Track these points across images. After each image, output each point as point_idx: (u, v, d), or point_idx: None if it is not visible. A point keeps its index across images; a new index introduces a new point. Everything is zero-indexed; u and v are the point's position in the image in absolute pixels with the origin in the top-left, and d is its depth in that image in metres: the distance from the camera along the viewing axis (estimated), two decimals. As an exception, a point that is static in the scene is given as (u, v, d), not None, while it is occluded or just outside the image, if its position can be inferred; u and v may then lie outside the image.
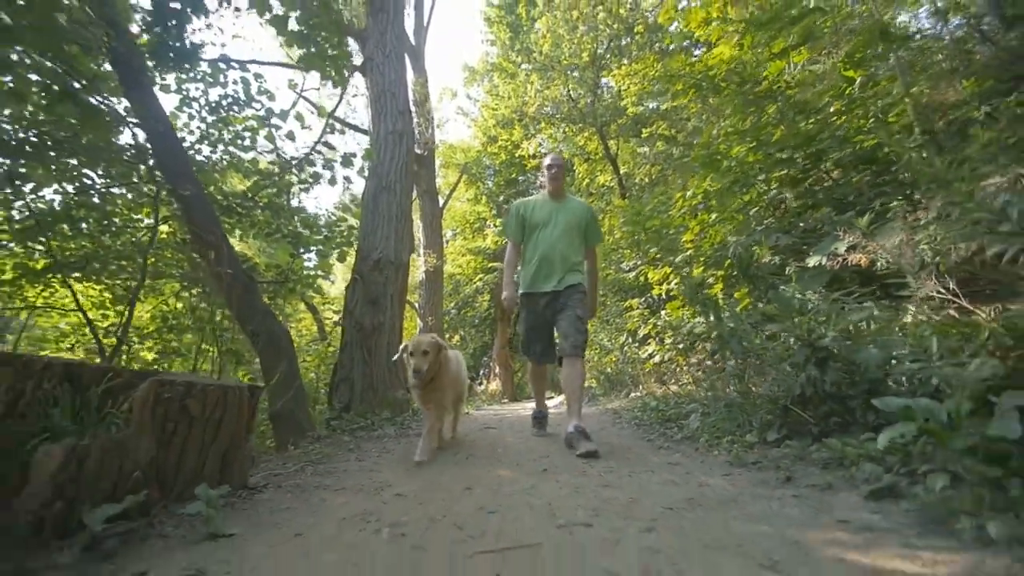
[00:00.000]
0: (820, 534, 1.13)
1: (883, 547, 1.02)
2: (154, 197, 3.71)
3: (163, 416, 1.45)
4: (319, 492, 1.75)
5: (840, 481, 1.47)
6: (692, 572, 0.98)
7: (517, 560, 1.08)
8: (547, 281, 2.91)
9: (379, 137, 5.36)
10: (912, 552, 0.99)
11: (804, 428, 2.00)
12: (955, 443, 1.25)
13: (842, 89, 3.64)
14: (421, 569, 1.06)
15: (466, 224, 15.09)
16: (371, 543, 1.23)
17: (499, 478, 1.94)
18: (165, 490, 1.42)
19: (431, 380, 2.45)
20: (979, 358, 1.58)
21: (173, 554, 1.17)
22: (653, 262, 4.96)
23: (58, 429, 1.40)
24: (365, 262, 5.00)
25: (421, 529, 1.31)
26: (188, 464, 1.50)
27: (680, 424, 2.91)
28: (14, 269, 4.90)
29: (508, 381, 12.47)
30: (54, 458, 1.24)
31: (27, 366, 1.48)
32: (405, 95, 5.73)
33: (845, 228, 2.71)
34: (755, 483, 1.62)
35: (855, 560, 0.98)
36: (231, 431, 1.61)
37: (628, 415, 3.88)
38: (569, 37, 8.99)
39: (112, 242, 5.06)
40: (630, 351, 5.31)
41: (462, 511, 1.47)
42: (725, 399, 2.69)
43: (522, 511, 1.45)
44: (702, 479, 1.75)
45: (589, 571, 1.01)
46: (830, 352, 1.91)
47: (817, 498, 1.39)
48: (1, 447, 1.33)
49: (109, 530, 1.20)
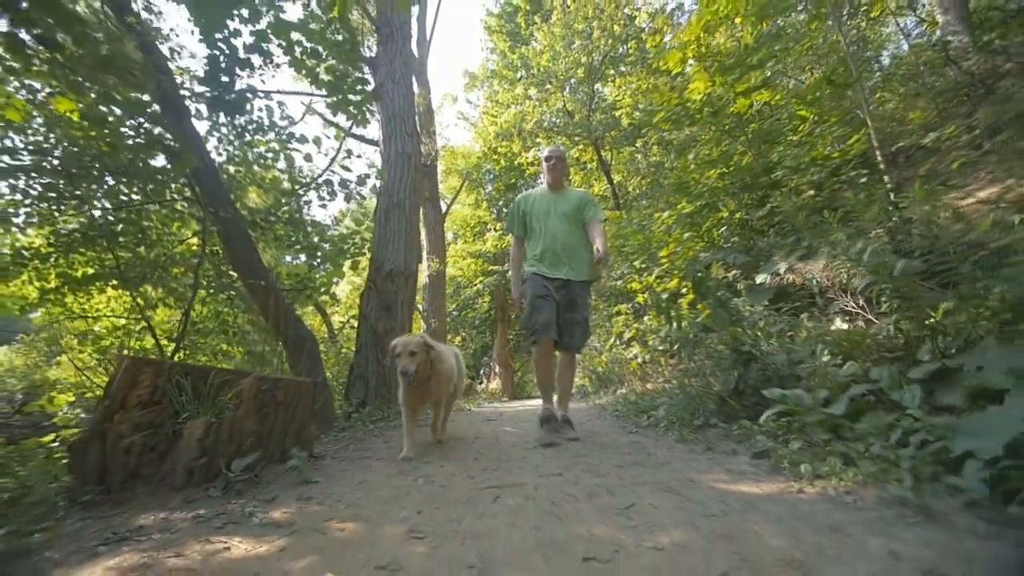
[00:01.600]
0: (708, 476, 1.74)
1: (741, 482, 1.63)
2: (201, 220, 4.29)
3: (261, 402, 2.05)
4: (364, 460, 2.36)
5: (742, 448, 2.08)
6: (620, 493, 1.59)
7: (511, 491, 1.69)
8: (555, 269, 2.98)
9: (389, 158, 5.96)
10: (757, 483, 1.60)
11: (736, 413, 2.61)
12: (809, 419, 1.86)
13: (795, 126, 4.24)
14: (447, 497, 1.67)
15: (467, 228, 15.69)
16: (411, 486, 1.84)
17: (500, 452, 2.55)
18: (265, 453, 2.03)
19: (425, 380, 2.52)
20: (849, 361, 2.19)
21: (284, 490, 1.78)
22: (638, 271, 5.57)
23: (188, 410, 2.00)
24: (379, 272, 5.60)
25: (444, 478, 1.92)
26: (276, 436, 2.11)
27: (650, 414, 3.51)
28: (58, 277, 5.52)
29: (508, 380, 13.09)
30: (198, 429, 1.86)
31: (159, 366, 2.09)
32: (412, 118, 6.33)
33: (784, 252, 3.32)
34: (686, 452, 2.23)
35: (720, 487, 1.58)
36: (303, 414, 2.22)
37: (611, 408, 4.49)
38: (565, 54, 9.57)
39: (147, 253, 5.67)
40: (617, 352, 5.91)
41: (473, 469, 2.08)
42: (685, 393, 3.30)
43: (516, 468, 2.06)
44: (651, 451, 2.36)
45: (555, 495, 1.62)
46: (752, 355, 2.52)
47: (721, 459, 2.00)
48: (154, 421, 1.94)
49: (239, 476, 1.81)
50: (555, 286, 2.94)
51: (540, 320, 2.86)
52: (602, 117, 9.00)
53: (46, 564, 1.16)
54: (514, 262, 3.18)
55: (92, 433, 1.90)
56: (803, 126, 4.22)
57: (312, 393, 2.32)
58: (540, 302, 2.90)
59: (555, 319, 2.90)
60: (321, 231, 6.14)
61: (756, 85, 4.25)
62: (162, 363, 2.12)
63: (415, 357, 2.42)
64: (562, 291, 2.95)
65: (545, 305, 2.89)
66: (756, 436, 2.07)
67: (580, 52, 9.61)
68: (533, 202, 3.12)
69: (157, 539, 1.28)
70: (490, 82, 16.04)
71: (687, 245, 4.55)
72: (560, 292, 2.95)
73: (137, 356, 2.18)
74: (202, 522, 1.42)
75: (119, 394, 1.95)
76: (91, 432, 1.90)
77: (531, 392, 15.68)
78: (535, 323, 2.88)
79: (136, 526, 1.41)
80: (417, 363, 2.42)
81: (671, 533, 1.15)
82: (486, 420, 4.48)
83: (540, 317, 2.86)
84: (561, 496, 1.59)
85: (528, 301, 2.95)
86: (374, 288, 5.58)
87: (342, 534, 1.28)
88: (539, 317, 2.87)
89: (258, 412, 2.06)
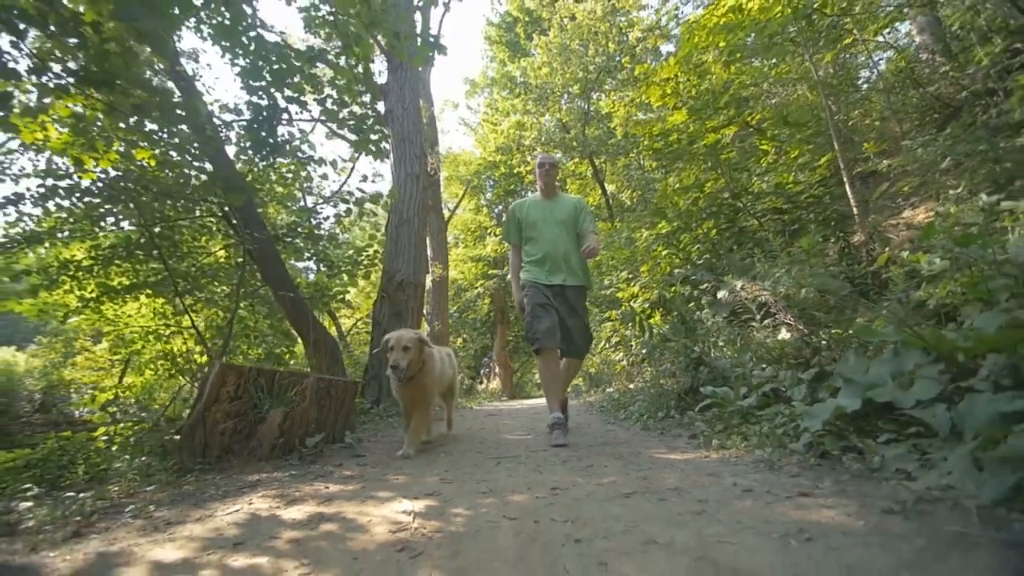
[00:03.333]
0: (651, 450, 2.42)
1: (672, 453, 2.31)
2: (242, 243, 4.94)
3: (319, 396, 2.74)
4: (394, 443, 3.05)
5: (685, 432, 2.76)
6: (585, 460, 2.27)
7: (508, 459, 2.37)
8: (553, 276, 3.07)
9: (399, 179, 6.64)
10: (681, 454, 2.27)
11: (689, 407, 3.29)
12: (729, 410, 2.54)
13: (758, 158, 4.92)
14: (463, 462, 2.35)
15: (468, 232, 16.37)
16: (436, 456, 2.52)
17: (499, 438, 3.24)
18: (325, 435, 2.71)
19: (412, 377, 2.55)
20: (769, 365, 2.87)
21: (344, 460, 2.46)
22: (625, 282, 6.25)
23: (265, 403, 2.68)
24: (391, 283, 6.28)
25: (459, 453, 2.61)
26: (329, 423, 2.79)
27: (628, 409, 4.20)
28: (97, 287, 6.20)
29: (507, 380, 13.79)
30: (278, 416, 2.54)
31: (240, 370, 2.77)
32: (420, 142, 7.00)
33: (739, 272, 3.99)
34: (644, 436, 2.92)
35: (655, 456, 2.26)
36: (348, 406, 2.91)
37: (598, 405, 5.18)
38: (562, 71, 10.24)
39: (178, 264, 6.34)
40: (607, 355, 6.60)
41: (480, 447, 2.76)
42: (654, 391, 3.98)
43: (512, 447, 2.75)
44: (619, 436, 3.04)
45: (539, 461, 2.30)
46: (701, 360, 3.20)
47: (668, 440, 2.68)
48: (240, 411, 2.62)
49: (310, 451, 2.50)
50: (553, 292, 3.04)
51: (541, 328, 2.91)
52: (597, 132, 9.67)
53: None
54: (513, 269, 3.27)
55: (196, 421, 2.58)
56: (765, 158, 4.89)
57: (355, 390, 3.01)
58: (540, 310, 2.97)
59: (557, 326, 2.96)
60: (337, 244, 6.82)
61: (723, 123, 4.93)
62: (243, 368, 2.80)
63: (408, 353, 2.44)
64: (560, 297, 3.05)
65: (546, 313, 2.96)
66: (696, 423, 2.75)
67: (577, 67, 10.28)
68: (527, 210, 3.21)
69: (276, 485, 1.96)
70: (490, 89, 16.72)
71: (666, 260, 5.23)
72: (558, 299, 3.04)
73: (225, 363, 2.84)
74: (298, 478, 2.10)
75: (213, 391, 2.64)
76: (196, 420, 2.58)
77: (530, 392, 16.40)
78: (536, 331, 2.93)
79: (254, 480, 2.09)
80: (409, 359, 2.43)
81: (610, 477, 1.83)
82: (488, 415, 5.17)
83: (541, 325, 2.92)
84: (543, 461, 2.27)
85: (528, 310, 3.02)
86: (387, 297, 6.26)
87: (398, 481, 1.96)
88: (540, 325, 2.92)
89: (318, 404, 2.74)
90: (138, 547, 1.27)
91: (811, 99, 5.47)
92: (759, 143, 4.88)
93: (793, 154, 5.18)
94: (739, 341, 3.47)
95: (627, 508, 1.42)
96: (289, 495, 1.76)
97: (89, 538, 1.37)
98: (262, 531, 1.36)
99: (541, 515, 1.39)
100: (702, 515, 1.32)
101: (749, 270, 4.04)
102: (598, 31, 10.02)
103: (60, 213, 5.15)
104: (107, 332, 7.54)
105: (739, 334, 3.51)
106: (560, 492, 1.65)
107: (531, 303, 3.02)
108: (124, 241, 5.85)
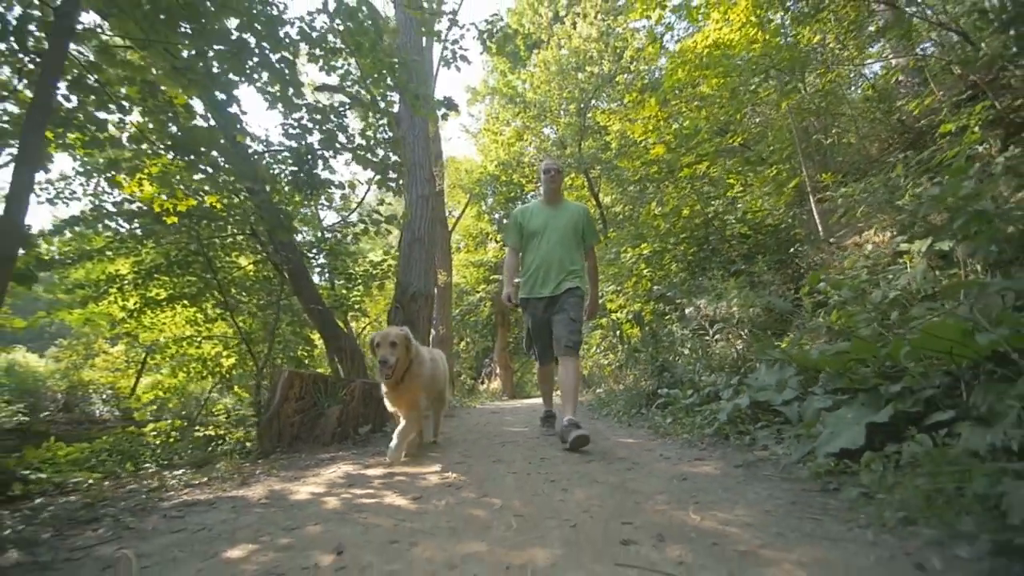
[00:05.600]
0: (615, 437, 3.29)
1: (630, 438, 3.18)
2: (281, 263, 5.80)
3: (366, 396, 3.61)
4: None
5: (647, 424, 3.63)
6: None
7: (510, 443, 3.24)
8: (544, 287, 3.17)
9: (411, 201, 7.50)
10: (637, 439, 3.14)
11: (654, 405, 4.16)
12: (678, 406, 3.40)
13: (726, 189, 5.78)
14: (476, 444, 3.22)
15: (469, 238, 17.23)
16: (456, 443, 3.39)
17: (502, 429, 4.11)
18: (373, 426, 3.59)
19: (402, 378, 2.55)
20: (715, 372, 3.74)
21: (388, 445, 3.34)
22: (614, 293, 7.12)
23: (324, 401, 3.56)
24: (404, 295, 7.15)
25: (473, 439, 3.48)
26: (373, 416, 3.66)
27: (610, 407, 5.07)
28: (140, 298, 7.07)
29: (508, 380, 14.68)
30: (335, 412, 3.42)
31: (303, 376, 3.64)
32: (429, 165, 7.86)
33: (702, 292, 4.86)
34: (617, 427, 3.79)
35: (616, 440, 3.13)
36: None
37: (588, 404, 6.05)
38: (559, 92, 11.09)
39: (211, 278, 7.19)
40: (597, 359, 7.48)
41: (487, 436, 3.64)
42: (632, 392, 4.86)
43: (513, 435, 3.62)
44: (598, 427, 3.91)
45: (533, 444, 3.17)
46: (664, 367, 4.07)
47: (631, 430, 3.55)
48: (304, 408, 3.49)
49: (361, 437, 3.37)
50: (544, 304, 3.21)
51: (536, 350, 3.28)
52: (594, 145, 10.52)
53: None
54: (508, 270, 3.40)
55: (272, 415, 3.45)
56: (731, 190, 5.76)
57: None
58: (534, 335, 3.22)
59: (550, 344, 3.17)
60: (355, 260, 7.70)
61: (696, 160, 5.79)
62: (305, 374, 3.68)
63: (395, 348, 2.45)
64: (551, 306, 3.21)
65: (538, 338, 3.21)
66: (654, 417, 3.62)
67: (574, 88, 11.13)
68: (530, 216, 3.32)
69: (348, 459, 2.83)
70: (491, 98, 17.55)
71: (646, 278, 6.10)
72: (549, 309, 3.22)
73: (292, 370, 3.70)
74: (360, 455, 2.97)
75: (284, 393, 3.51)
76: (272, 415, 3.45)
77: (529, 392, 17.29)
78: (534, 352, 3.32)
79: (327, 457, 2.97)
80: (398, 355, 2.45)
81: (580, 452, 2.70)
82: (492, 413, 6.05)
83: (538, 345, 3.23)
84: (535, 444, 3.15)
85: (526, 331, 3.35)
86: (400, 307, 7.13)
87: (432, 455, 2.83)
88: (535, 348, 3.25)
89: (364, 401, 3.61)
90: (288, 488, 2.14)
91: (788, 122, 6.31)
92: (727, 176, 5.74)
93: (760, 183, 6.04)
94: (699, 351, 4.35)
95: (586, 467, 2.29)
96: (363, 463, 2.64)
97: (252, 485, 2.24)
98: (358, 480, 2.23)
99: (531, 471, 2.26)
100: (631, 470, 2.18)
101: (711, 290, 4.91)
102: (592, 54, 10.86)
103: (107, 232, 6.00)
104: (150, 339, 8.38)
105: (700, 345, 4.38)
106: (545, 460, 2.52)
107: (529, 322, 3.33)
108: (164, 257, 6.71)
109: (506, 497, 1.80)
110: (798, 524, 1.34)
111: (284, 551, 1.32)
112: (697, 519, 1.44)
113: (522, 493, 1.86)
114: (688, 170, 5.91)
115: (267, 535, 1.46)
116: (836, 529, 1.28)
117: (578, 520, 1.47)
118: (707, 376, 3.70)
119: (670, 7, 6.85)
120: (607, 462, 2.39)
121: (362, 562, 1.22)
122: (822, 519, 1.37)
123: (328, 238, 7.42)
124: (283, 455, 3.20)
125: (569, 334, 3.04)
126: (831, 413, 2.05)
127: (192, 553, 1.35)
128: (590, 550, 1.23)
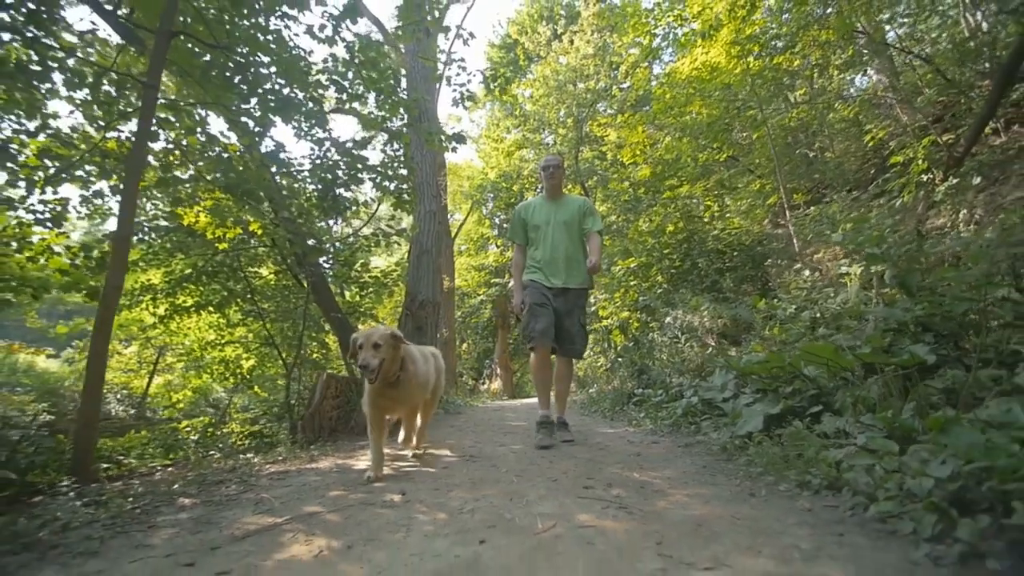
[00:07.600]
0: (598, 429, 4.06)
1: (609, 428, 3.95)
2: (304, 281, 6.56)
3: (389, 396, 4.38)
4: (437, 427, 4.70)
5: (626, 418, 4.40)
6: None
7: (510, 433, 4.01)
8: (554, 277, 3.23)
9: (419, 216, 8.26)
10: (615, 429, 3.91)
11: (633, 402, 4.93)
12: (649, 403, 4.18)
13: (705, 209, 6.54)
14: (483, 435, 3.99)
15: (471, 242, 18.00)
16: (466, 434, 4.17)
17: (504, 425, 4.89)
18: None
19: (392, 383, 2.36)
20: (683, 375, 4.51)
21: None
22: (606, 300, 7.89)
23: (355, 399, 4.32)
24: (413, 302, 7.91)
25: (480, 432, 4.26)
26: (395, 413, 4.44)
27: (599, 404, 5.84)
28: (169, 306, 7.83)
29: (508, 381, 15.47)
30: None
31: (339, 379, 4.40)
32: (436, 183, 8.62)
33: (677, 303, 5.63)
34: (601, 421, 4.56)
35: (597, 430, 3.90)
36: (405, 402, 4.55)
37: (580, 402, 6.83)
38: (557, 106, 11.84)
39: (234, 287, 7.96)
40: (591, 361, 8.26)
41: (493, 429, 4.42)
42: (619, 392, 5.63)
43: (513, 429, 4.40)
44: (586, 421, 4.68)
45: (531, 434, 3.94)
46: (642, 370, 4.84)
47: (614, 423, 4.32)
48: (341, 406, 4.27)
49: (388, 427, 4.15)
50: (553, 293, 3.22)
51: (538, 327, 3.11)
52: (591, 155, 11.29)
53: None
54: (516, 269, 3.44)
55: (314, 411, 4.22)
56: (710, 210, 6.53)
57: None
58: (538, 309, 3.14)
59: (553, 326, 3.15)
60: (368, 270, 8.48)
61: (677, 184, 6.55)
62: (340, 376, 4.45)
63: (379, 350, 2.23)
64: (560, 298, 3.24)
65: (543, 312, 3.13)
66: (631, 412, 4.39)
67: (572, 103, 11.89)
68: (533, 211, 3.40)
69: (381, 445, 3.60)
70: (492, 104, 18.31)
71: (634, 289, 6.87)
72: (558, 300, 3.23)
73: (330, 373, 4.46)
74: (390, 441, 3.74)
75: (323, 392, 4.28)
76: (313, 411, 4.22)
77: (529, 392, 18.10)
78: (532, 330, 3.13)
79: (364, 443, 3.73)
80: (381, 357, 2.22)
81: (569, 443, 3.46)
82: (494, 411, 6.83)
83: (538, 324, 3.11)
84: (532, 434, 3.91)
85: (527, 308, 3.19)
86: (410, 314, 7.90)
87: (450, 442, 3.59)
88: (537, 324, 3.11)
89: (388, 401, 4.38)
90: (348, 463, 2.90)
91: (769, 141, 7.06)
92: (705, 200, 6.51)
93: (735, 203, 6.80)
94: (676, 356, 5.12)
95: (569, 449, 3.06)
96: (396, 447, 3.42)
97: (319, 461, 3.01)
98: (398, 458, 2.99)
99: (527, 450, 3.03)
100: (602, 450, 2.96)
101: (686, 302, 5.68)
102: (588, 71, 11.62)
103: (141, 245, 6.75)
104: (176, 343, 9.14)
105: (674, 351, 5.15)
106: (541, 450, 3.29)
107: (530, 301, 3.20)
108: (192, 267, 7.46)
109: (509, 465, 2.57)
110: (698, 477, 2.12)
111: (368, 492, 2.09)
112: (637, 476, 2.21)
113: (520, 463, 2.64)
114: (671, 192, 6.67)
115: (351, 486, 2.24)
116: (720, 480, 2.06)
117: (558, 477, 2.24)
118: (676, 378, 4.47)
119: (660, 35, 7.62)
120: (586, 446, 3.16)
121: (420, 498, 1.98)
122: (716, 475, 2.14)
123: (343, 249, 8.19)
124: (325, 444, 3.97)
125: (581, 340, 3.25)
126: (748, 408, 2.82)
127: (307, 496, 2.11)
128: (563, 491, 2.00)
